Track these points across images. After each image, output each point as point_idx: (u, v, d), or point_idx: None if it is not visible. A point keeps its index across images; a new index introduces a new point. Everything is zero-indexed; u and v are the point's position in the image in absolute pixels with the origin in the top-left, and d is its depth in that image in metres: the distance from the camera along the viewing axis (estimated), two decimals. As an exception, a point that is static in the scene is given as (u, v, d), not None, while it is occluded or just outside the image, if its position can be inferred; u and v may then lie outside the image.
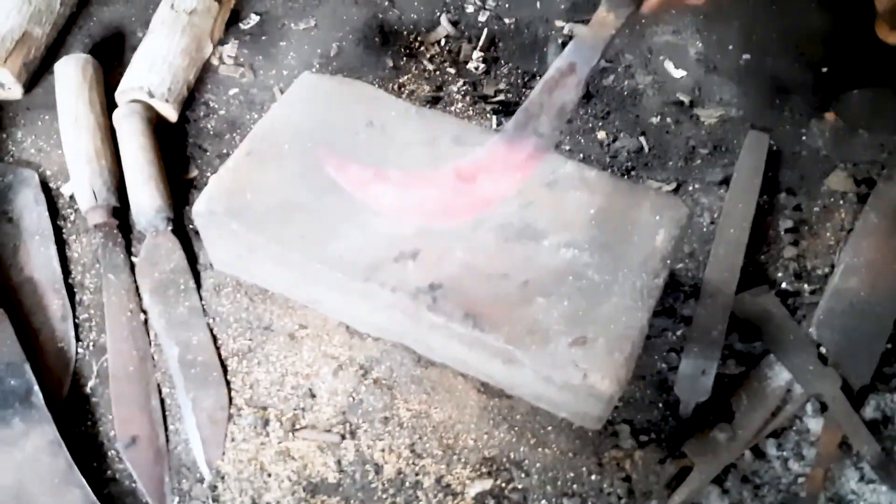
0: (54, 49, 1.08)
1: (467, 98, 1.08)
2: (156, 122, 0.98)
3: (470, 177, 0.77)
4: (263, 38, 1.13)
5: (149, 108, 0.97)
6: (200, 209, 0.81)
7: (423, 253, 0.78)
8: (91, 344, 0.86)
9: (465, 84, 1.10)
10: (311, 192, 0.82)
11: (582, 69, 0.77)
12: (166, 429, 0.81)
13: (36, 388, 0.78)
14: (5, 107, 1.02)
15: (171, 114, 0.99)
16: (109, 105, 0.99)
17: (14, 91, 1.01)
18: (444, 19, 1.16)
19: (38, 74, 1.05)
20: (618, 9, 0.77)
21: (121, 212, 0.92)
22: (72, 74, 0.97)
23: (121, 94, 0.98)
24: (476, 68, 1.11)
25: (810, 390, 0.82)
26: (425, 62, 1.12)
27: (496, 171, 0.77)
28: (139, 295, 0.88)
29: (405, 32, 1.15)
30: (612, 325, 0.74)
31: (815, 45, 1.14)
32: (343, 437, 0.81)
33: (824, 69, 1.12)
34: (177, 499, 0.78)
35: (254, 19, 1.14)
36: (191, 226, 0.93)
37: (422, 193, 0.78)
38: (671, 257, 0.80)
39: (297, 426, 0.81)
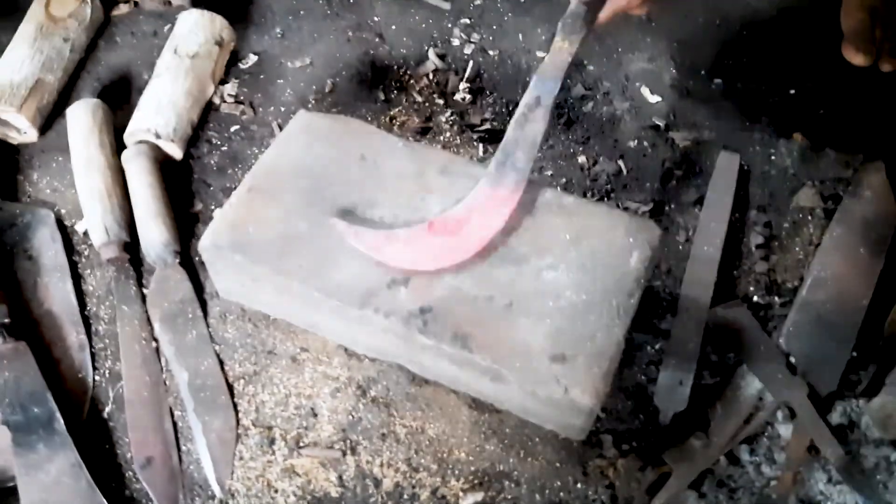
0: (65, 93, 1.14)
1: (455, 127, 1.14)
2: (162, 161, 1.04)
3: (465, 220, 0.86)
4: (262, 76, 1.19)
5: (155, 148, 1.03)
6: (206, 244, 0.87)
7: (415, 279, 0.84)
8: (107, 371, 0.91)
9: (452, 114, 1.16)
10: (309, 225, 0.88)
11: (546, 99, 0.86)
12: (179, 450, 0.86)
13: (58, 414, 0.84)
14: (21, 150, 1.09)
15: (177, 152, 1.06)
16: (118, 145, 1.05)
17: (30, 135, 1.08)
18: (431, 53, 1.23)
19: (51, 118, 1.11)
20: (571, 36, 0.85)
21: (132, 246, 0.98)
22: (83, 118, 1.03)
23: (129, 136, 1.04)
24: (463, 99, 1.17)
25: (780, 398, 0.88)
26: (415, 94, 1.18)
27: (487, 210, 0.86)
28: (150, 324, 0.94)
29: (395, 67, 1.21)
30: (591, 342, 0.80)
31: (782, 67, 1.21)
32: (344, 454, 0.86)
33: (792, 91, 1.18)
34: (190, 515, 0.83)
35: (252, 59, 1.21)
36: (197, 257, 0.99)
37: (425, 245, 0.85)
38: (646, 277, 0.85)
39: (301, 444, 0.87)
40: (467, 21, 1.28)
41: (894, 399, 0.86)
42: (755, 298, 0.98)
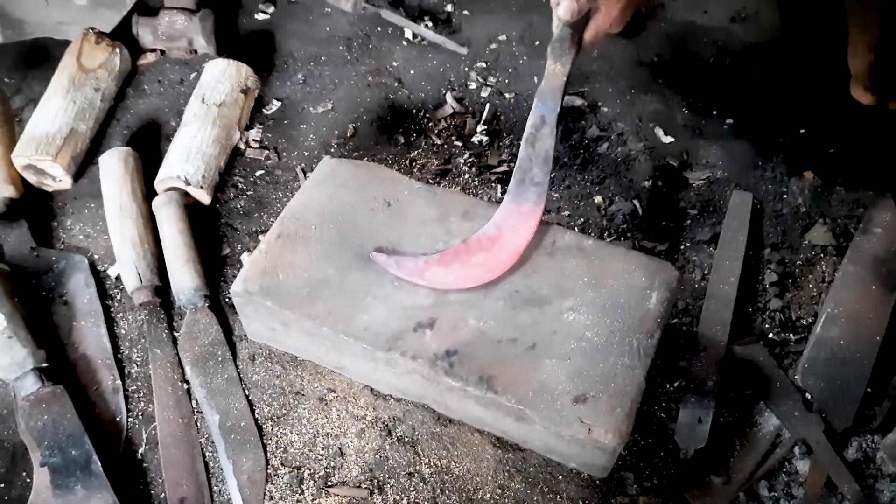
0: (97, 141, 1.18)
1: (473, 169, 1.18)
2: (191, 206, 1.07)
3: (497, 237, 0.91)
4: (285, 121, 1.23)
5: (185, 195, 1.06)
6: (238, 289, 0.90)
7: (440, 322, 0.87)
8: (140, 413, 0.94)
9: (470, 156, 1.19)
10: (337, 270, 0.91)
11: (550, 118, 0.91)
12: (211, 490, 0.89)
13: (95, 456, 0.86)
14: (55, 197, 1.12)
15: (205, 198, 1.09)
16: (148, 191, 1.09)
17: (64, 182, 1.11)
18: (449, 97, 1.26)
19: (83, 166, 1.15)
20: (562, 58, 0.89)
21: (163, 290, 1.01)
22: (115, 167, 1.06)
23: (160, 183, 1.07)
24: (480, 141, 1.21)
25: (797, 435, 0.89)
26: (434, 137, 1.22)
27: (515, 225, 0.91)
28: (182, 367, 0.96)
29: (414, 111, 1.25)
30: (613, 382, 0.82)
31: (792, 107, 1.24)
32: (371, 492, 0.88)
33: (802, 130, 1.21)
34: (223, 555, 0.86)
35: (276, 105, 1.25)
36: (227, 300, 1.02)
37: (464, 264, 0.90)
38: (665, 317, 0.88)
39: (329, 483, 0.89)
40: (483, 65, 1.32)
41: (910, 435, 0.87)
42: (771, 335, 1.00)
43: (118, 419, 0.92)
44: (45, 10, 1.25)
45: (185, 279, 0.99)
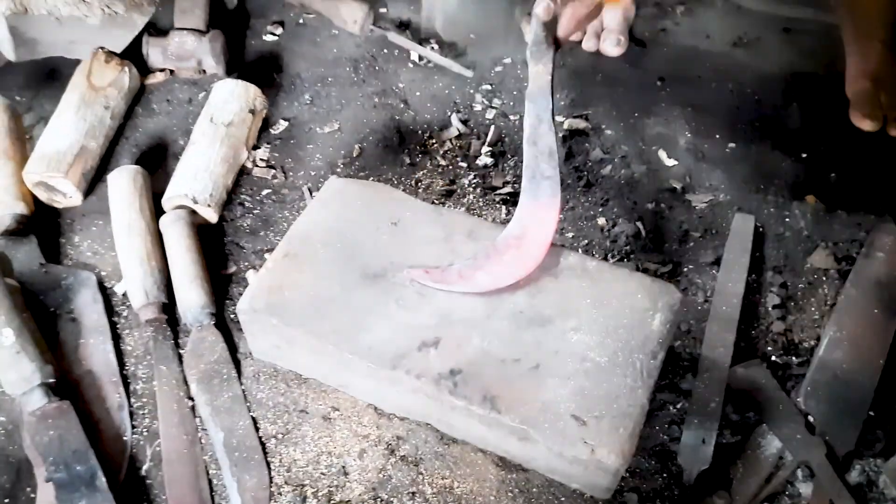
0: (106, 158, 1.19)
1: (478, 190, 1.19)
2: (198, 224, 1.08)
3: (522, 234, 0.94)
4: (292, 141, 1.24)
5: (192, 213, 1.07)
6: (244, 307, 0.91)
7: (444, 341, 0.88)
8: (145, 430, 0.94)
9: (475, 177, 1.20)
10: (342, 288, 0.92)
11: (545, 115, 0.94)
12: (214, 508, 0.89)
13: (99, 472, 0.86)
14: (63, 214, 1.13)
15: (213, 216, 1.10)
16: (156, 208, 1.10)
17: (74, 199, 1.13)
18: (454, 118, 1.28)
19: (93, 183, 1.16)
20: (542, 59, 0.93)
21: (169, 308, 1.02)
22: (124, 185, 1.08)
23: (167, 201, 1.09)
24: (485, 163, 1.22)
25: (799, 457, 0.90)
26: (439, 158, 1.23)
27: (537, 219, 0.94)
28: (187, 384, 0.97)
29: (420, 132, 1.26)
30: (616, 403, 0.83)
31: (795, 132, 1.25)
32: (374, 511, 0.89)
33: (804, 155, 1.22)
34: (226, 573, 0.86)
35: (283, 125, 1.26)
36: (232, 317, 1.02)
37: (498, 263, 0.93)
38: (668, 339, 0.88)
39: (332, 502, 0.89)
40: (488, 87, 1.33)
41: (912, 459, 0.88)
42: (773, 358, 1.00)
43: (123, 436, 0.93)
44: (57, 30, 1.27)
45: (191, 297, 1.00)
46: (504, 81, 1.34)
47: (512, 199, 1.16)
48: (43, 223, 1.12)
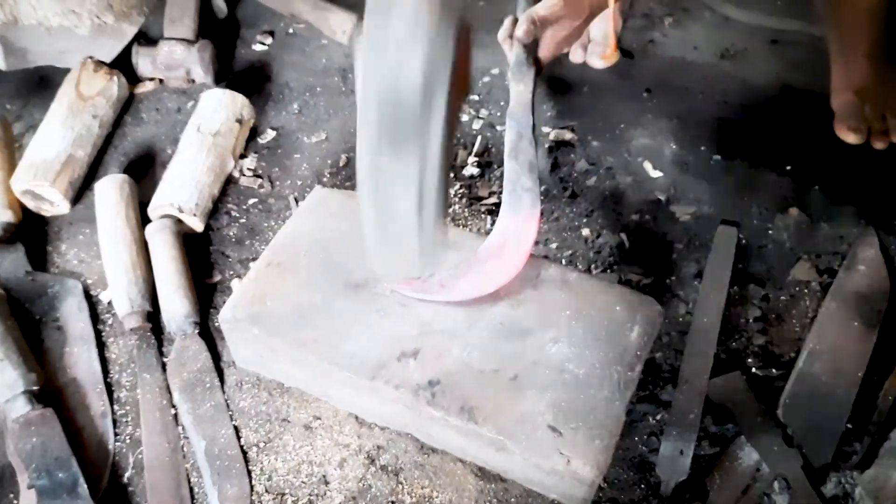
0: (94, 167, 1.20)
1: (463, 200, 1.19)
2: (184, 233, 1.09)
3: (502, 244, 0.95)
4: (279, 150, 1.25)
5: (178, 222, 1.08)
6: (226, 316, 0.92)
7: (424, 351, 0.88)
8: (127, 437, 0.95)
9: (461, 187, 1.21)
10: (324, 298, 0.92)
11: (526, 132, 0.97)
12: (195, 516, 0.90)
13: (81, 479, 0.87)
14: (51, 222, 1.14)
15: (198, 225, 1.11)
16: (142, 217, 1.11)
17: (62, 208, 1.13)
18: (441, 129, 1.28)
19: (81, 191, 1.17)
20: (524, 79, 0.96)
21: (153, 316, 1.03)
22: (111, 194, 1.08)
23: (153, 210, 1.09)
24: (471, 174, 1.22)
25: (776, 470, 0.90)
26: (425, 168, 1.23)
27: (517, 231, 0.95)
28: (170, 392, 0.97)
29: (407, 142, 1.26)
30: (593, 415, 0.83)
31: (779, 144, 1.26)
32: (354, 521, 0.89)
33: (788, 167, 1.23)
34: (205, 580, 0.86)
35: (270, 134, 1.27)
36: (216, 326, 1.03)
37: (480, 272, 0.94)
38: (646, 351, 0.89)
39: (313, 510, 0.90)
40: (476, 98, 1.34)
41: (886, 471, 0.88)
42: (753, 370, 1.01)
43: (105, 443, 0.93)
44: (47, 40, 1.28)
45: (175, 305, 1.00)
46: (491, 92, 1.35)
47: (497, 210, 1.17)
48: (30, 231, 1.13)
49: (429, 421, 0.87)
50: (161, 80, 1.33)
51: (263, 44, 1.44)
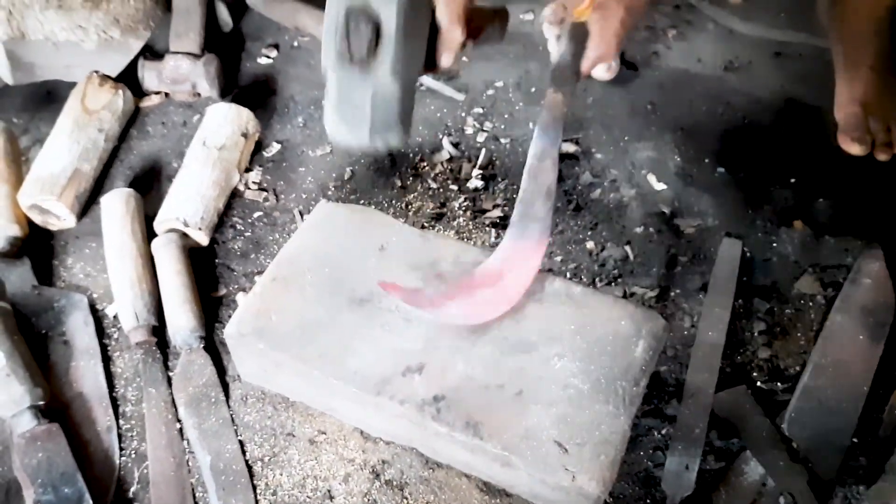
0: (100, 180, 1.20)
1: (468, 213, 1.19)
2: (189, 247, 1.09)
3: (500, 273, 0.91)
4: (284, 164, 1.26)
5: (183, 236, 1.09)
6: (231, 331, 0.92)
7: (428, 367, 0.88)
8: (133, 452, 0.95)
9: (465, 200, 1.21)
10: (329, 313, 0.92)
11: (552, 151, 0.89)
12: (200, 531, 0.90)
13: (87, 495, 0.87)
14: (57, 236, 1.15)
15: (203, 239, 1.11)
16: (148, 231, 1.11)
17: (68, 221, 1.14)
18: (445, 142, 1.29)
19: (87, 205, 1.17)
20: (563, 87, 0.88)
21: (159, 330, 1.03)
22: (117, 208, 1.09)
23: (159, 224, 1.10)
24: (476, 186, 1.23)
25: (782, 485, 0.90)
26: (430, 181, 1.24)
27: (517, 261, 0.91)
28: (175, 406, 0.98)
29: (411, 155, 1.27)
30: (597, 430, 0.83)
31: (784, 157, 1.26)
32: (359, 536, 0.89)
33: (792, 180, 1.23)
34: None
35: (275, 147, 1.28)
36: (221, 340, 1.03)
37: (471, 298, 0.91)
38: (650, 366, 0.89)
39: (318, 526, 0.90)
40: (480, 110, 1.35)
41: (892, 486, 0.88)
42: (758, 384, 1.01)
43: (111, 458, 0.93)
44: (54, 54, 1.29)
45: (181, 320, 1.01)
46: (496, 105, 1.36)
47: (502, 223, 1.17)
48: (37, 245, 1.13)
49: (434, 436, 0.87)
50: (167, 94, 1.34)
51: (268, 57, 1.45)
